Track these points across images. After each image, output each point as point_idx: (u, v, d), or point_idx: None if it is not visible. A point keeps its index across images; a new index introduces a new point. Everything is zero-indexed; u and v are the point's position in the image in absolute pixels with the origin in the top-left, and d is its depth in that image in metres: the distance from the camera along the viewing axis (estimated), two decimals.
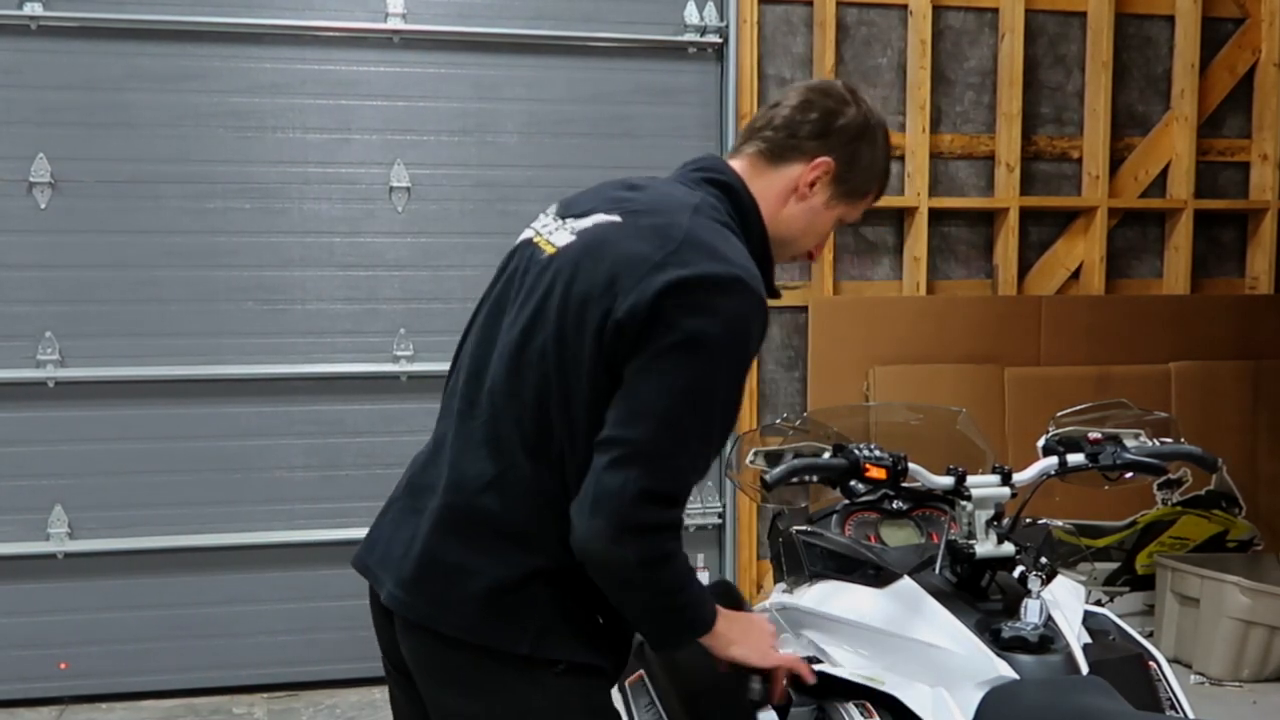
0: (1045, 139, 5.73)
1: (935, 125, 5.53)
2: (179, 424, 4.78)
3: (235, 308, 4.81)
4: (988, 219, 5.67)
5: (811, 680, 2.15)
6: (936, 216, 5.54)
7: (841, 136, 2.07)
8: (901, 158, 5.50)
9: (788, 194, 2.08)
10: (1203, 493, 5.51)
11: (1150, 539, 5.51)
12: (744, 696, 2.12)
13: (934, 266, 5.57)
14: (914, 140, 5.47)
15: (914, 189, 5.47)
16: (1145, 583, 5.48)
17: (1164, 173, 5.82)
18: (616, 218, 1.99)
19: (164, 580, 4.77)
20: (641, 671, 2.62)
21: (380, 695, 3.11)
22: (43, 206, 4.64)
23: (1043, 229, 5.75)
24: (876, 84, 5.49)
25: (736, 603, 2.33)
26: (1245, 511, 5.61)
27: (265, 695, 4.79)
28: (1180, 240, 5.80)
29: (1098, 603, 5.37)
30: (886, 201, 5.40)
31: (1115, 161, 5.75)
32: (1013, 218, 5.56)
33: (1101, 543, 5.45)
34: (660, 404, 1.82)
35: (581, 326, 1.89)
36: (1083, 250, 5.72)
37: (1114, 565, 5.51)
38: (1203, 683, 4.92)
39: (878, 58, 5.50)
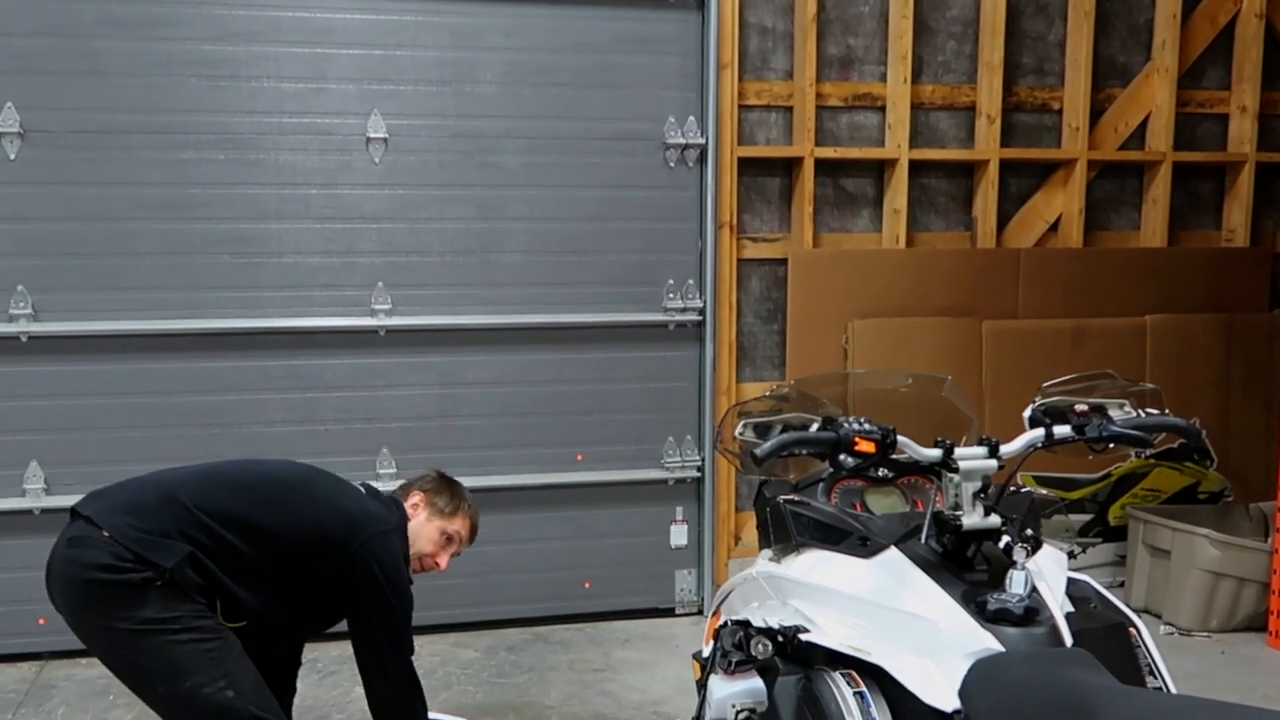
0: (1026, 90, 5.71)
1: (916, 75, 5.49)
2: (155, 379, 4.74)
3: (210, 261, 4.75)
4: (968, 171, 5.66)
5: None
6: (917, 168, 5.52)
7: (427, 480, 3.44)
8: (883, 108, 5.47)
9: (409, 514, 3.32)
10: (1175, 445, 5.57)
11: (1123, 491, 5.58)
12: None
13: (913, 219, 5.56)
14: (895, 91, 5.43)
15: (895, 140, 5.45)
16: (1118, 534, 5.56)
17: (1143, 124, 5.82)
18: None
19: None
20: None
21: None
22: (12, 157, 4.55)
23: (1022, 181, 5.75)
24: (858, 33, 5.45)
25: None
26: (1216, 464, 5.69)
27: None
28: (1158, 193, 5.81)
29: (1071, 554, 5.45)
30: (867, 153, 5.41)
31: (1095, 113, 5.74)
32: (993, 170, 5.55)
33: (1076, 495, 5.52)
34: None
35: None
36: (1062, 202, 5.72)
37: (1087, 517, 5.58)
38: (1172, 633, 5.01)
39: (859, 6, 5.45)
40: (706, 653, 2.80)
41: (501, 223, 4.97)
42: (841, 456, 2.28)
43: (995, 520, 2.28)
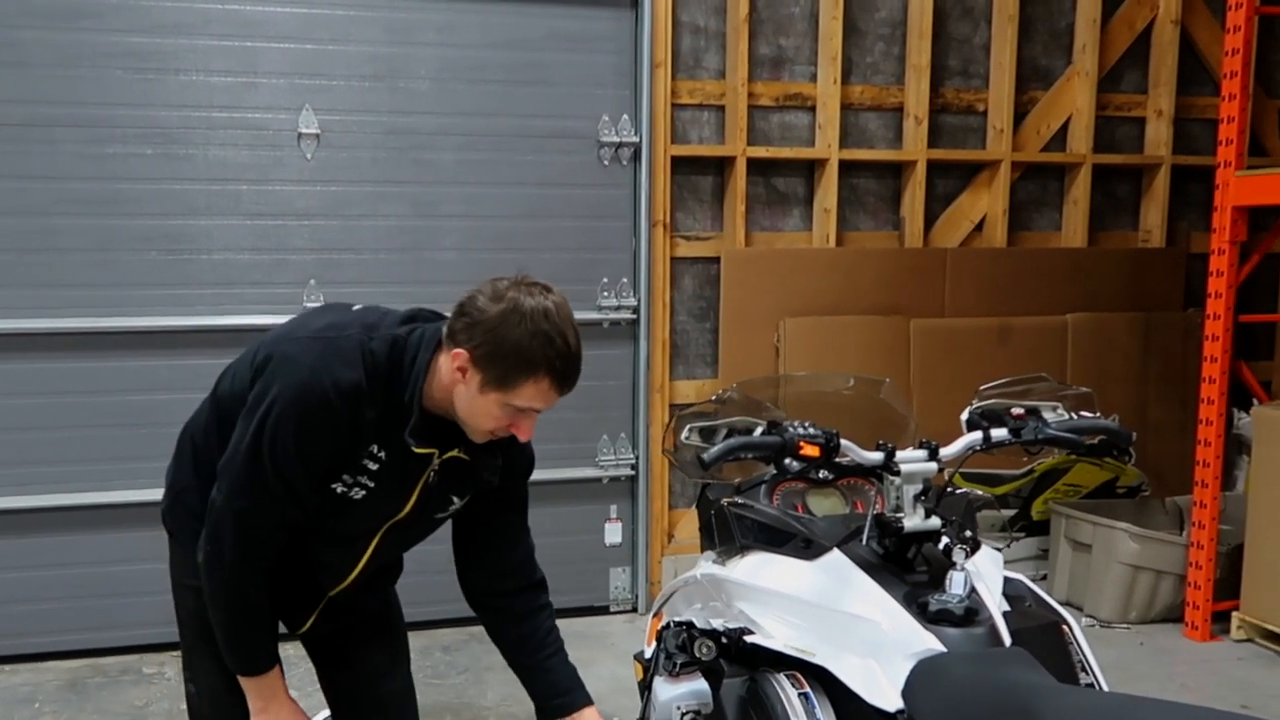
0: (953, 91, 5.81)
1: (846, 76, 5.56)
2: (80, 378, 4.64)
3: (138, 258, 4.66)
4: (896, 171, 5.75)
5: None
6: (846, 168, 5.59)
7: (479, 330, 2.25)
8: (813, 109, 5.54)
9: (454, 378, 2.30)
10: (1095, 441, 5.69)
11: (1046, 486, 5.71)
12: None
13: (843, 218, 5.64)
14: (825, 91, 5.50)
15: (825, 140, 5.51)
16: (1041, 528, 5.69)
17: (1065, 127, 5.96)
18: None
19: (66, 539, 4.66)
20: None
21: (294, 650, 3.12)
22: None
23: (948, 181, 5.86)
24: (789, 33, 5.50)
25: None
26: (1134, 459, 5.83)
27: (175, 654, 4.68)
28: (1079, 194, 5.95)
29: (997, 549, 5.55)
30: (798, 153, 5.47)
31: (1019, 115, 5.86)
32: (920, 170, 5.64)
33: (1000, 490, 5.64)
34: None
35: None
36: (986, 203, 5.84)
37: (1012, 512, 5.71)
38: (1093, 625, 5.15)
39: (790, 6, 5.50)
40: (649, 654, 2.82)
41: (435, 220, 4.94)
42: (786, 461, 2.31)
43: (935, 522, 2.33)
